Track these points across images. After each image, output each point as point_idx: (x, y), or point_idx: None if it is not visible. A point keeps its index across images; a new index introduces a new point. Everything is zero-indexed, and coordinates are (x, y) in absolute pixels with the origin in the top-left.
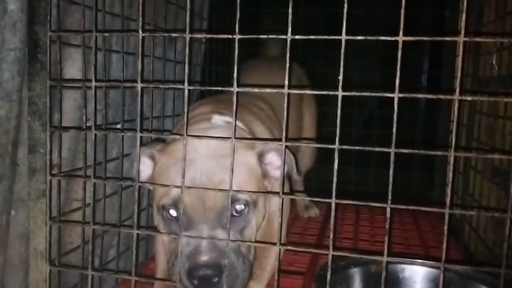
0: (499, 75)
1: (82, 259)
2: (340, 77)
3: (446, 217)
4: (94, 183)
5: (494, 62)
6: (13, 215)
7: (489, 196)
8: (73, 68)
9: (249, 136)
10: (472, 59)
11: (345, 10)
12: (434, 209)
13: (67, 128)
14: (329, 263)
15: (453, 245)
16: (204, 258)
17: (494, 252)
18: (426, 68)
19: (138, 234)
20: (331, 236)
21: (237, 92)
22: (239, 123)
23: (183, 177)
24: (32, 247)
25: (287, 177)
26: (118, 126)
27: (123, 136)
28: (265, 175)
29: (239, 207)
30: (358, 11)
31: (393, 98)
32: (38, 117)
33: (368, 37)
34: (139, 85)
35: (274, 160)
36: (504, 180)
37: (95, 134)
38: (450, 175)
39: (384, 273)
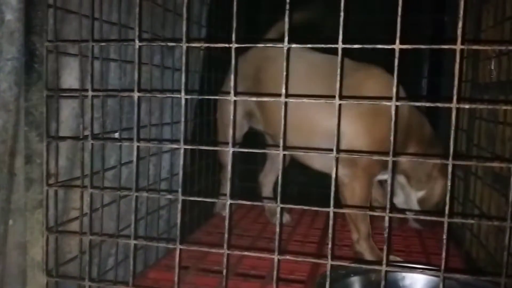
0: (499, 81)
1: (79, 269)
2: (337, 86)
3: (445, 225)
4: (91, 193)
5: (492, 68)
6: (11, 224)
7: (489, 202)
8: (71, 77)
9: None
10: (472, 65)
11: (341, 19)
12: (433, 218)
13: (64, 138)
14: (328, 272)
15: (454, 251)
16: None
17: (495, 259)
18: (426, 74)
19: (135, 244)
20: (330, 246)
21: None
22: None
23: None
24: (29, 257)
25: None
26: (116, 134)
27: (120, 144)
28: None
29: None
30: (358, 18)
31: None
32: (35, 127)
33: (365, 45)
34: (135, 94)
35: None
36: (505, 187)
37: (92, 144)
38: (449, 183)
39: (383, 283)
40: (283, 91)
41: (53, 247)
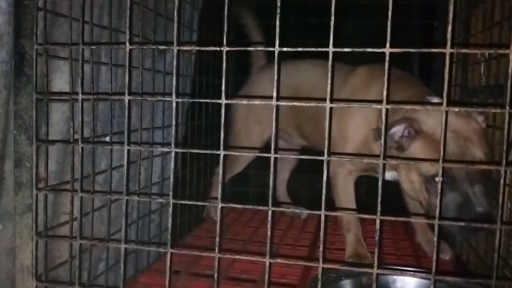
0: (488, 85)
1: (70, 274)
2: (328, 88)
3: (436, 228)
4: (81, 197)
5: (482, 72)
6: (0, 229)
7: None
8: (61, 81)
9: None
10: (461, 69)
11: (332, 23)
12: (424, 220)
13: (53, 142)
14: (319, 275)
15: None
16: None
17: (485, 262)
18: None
19: (126, 248)
20: (321, 249)
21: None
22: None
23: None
24: (18, 262)
25: None
26: (107, 138)
27: (111, 148)
28: None
29: None
30: (349, 22)
31: None
32: (24, 130)
33: (355, 49)
34: (126, 98)
35: None
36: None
37: (82, 148)
38: (439, 186)
39: (374, 285)
40: (274, 94)
41: (43, 252)
